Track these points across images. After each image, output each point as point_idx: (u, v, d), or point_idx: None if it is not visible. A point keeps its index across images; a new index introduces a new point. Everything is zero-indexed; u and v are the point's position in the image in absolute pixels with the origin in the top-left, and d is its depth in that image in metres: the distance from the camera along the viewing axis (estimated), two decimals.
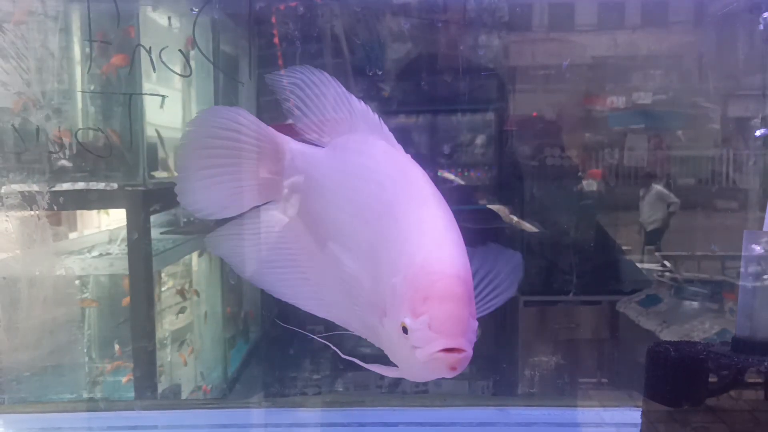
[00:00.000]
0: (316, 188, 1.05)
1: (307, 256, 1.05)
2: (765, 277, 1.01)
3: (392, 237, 0.92)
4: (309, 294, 1.05)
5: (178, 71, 2.24)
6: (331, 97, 1.02)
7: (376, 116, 1.00)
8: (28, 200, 1.82)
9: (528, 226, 2.70)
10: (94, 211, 2.42)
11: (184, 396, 2.27)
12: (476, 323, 0.86)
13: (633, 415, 1.08)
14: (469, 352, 0.83)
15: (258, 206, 1.07)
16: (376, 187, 0.97)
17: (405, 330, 0.85)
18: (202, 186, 1.04)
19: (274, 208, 1.07)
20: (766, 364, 0.97)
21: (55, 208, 1.91)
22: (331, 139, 1.04)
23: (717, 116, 2.78)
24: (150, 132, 2.26)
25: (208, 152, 1.03)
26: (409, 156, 0.98)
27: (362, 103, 1.00)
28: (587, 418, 1.27)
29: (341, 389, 2.42)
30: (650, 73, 2.73)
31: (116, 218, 2.40)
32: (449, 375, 0.84)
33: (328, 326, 1.04)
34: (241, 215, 1.06)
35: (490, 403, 1.12)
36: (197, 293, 2.58)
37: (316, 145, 1.05)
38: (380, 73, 2.63)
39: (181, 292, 2.46)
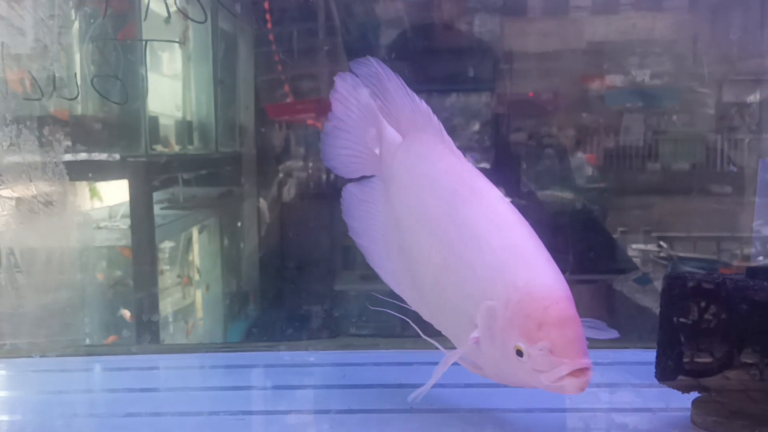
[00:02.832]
0: (392, 180, 1.10)
1: (395, 236, 1.10)
2: None
3: (478, 260, 0.95)
4: (390, 271, 1.12)
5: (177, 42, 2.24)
6: (401, 93, 1.06)
7: (436, 118, 1.04)
8: (28, 172, 1.80)
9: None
10: (87, 190, 2.40)
11: None
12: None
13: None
14: (591, 367, 0.87)
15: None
16: (446, 205, 1.00)
17: (520, 353, 0.89)
18: (333, 144, 1.14)
19: (375, 181, 1.14)
20: None
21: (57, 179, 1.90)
22: (403, 133, 1.08)
23: (712, 100, 2.81)
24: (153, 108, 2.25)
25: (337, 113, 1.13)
26: (470, 164, 1.03)
27: (424, 103, 1.05)
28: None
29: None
30: (648, 52, 2.75)
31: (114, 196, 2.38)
32: (577, 392, 0.88)
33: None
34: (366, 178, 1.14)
35: None
36: (198, 271, 2.58)
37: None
38: (375, 52, 2.64)
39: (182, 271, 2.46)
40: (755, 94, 2.76)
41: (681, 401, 1.05)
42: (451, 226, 0.99)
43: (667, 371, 1.02)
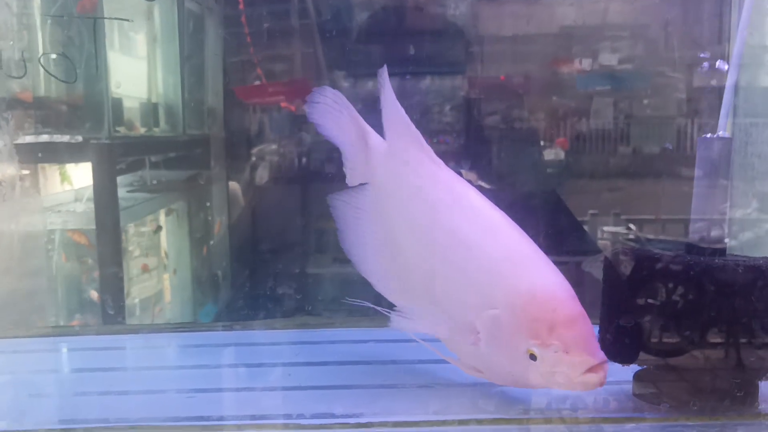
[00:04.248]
0: (381, 191, 1.10)
1: (385, 244, 1.10)
2: (716, 182, 1.05)
3: (472, 267, 0.95)
4: (382, 279, 1.11)
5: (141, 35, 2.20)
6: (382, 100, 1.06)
7: (407, 118, 1.04)
8: None
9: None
10: (57, 173, 2.38)
11: None
12: None
13: None
14: (606, 362, 0.90)
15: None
16: (431, 211, 1.01)
17: (533, 357, 0.91)
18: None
19: (367, 188, 1.13)
20: (716, 260, 1.01)
21: (18, 161, 1.88)
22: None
23: (682, 84, 2.84)
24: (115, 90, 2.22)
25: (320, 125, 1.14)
26: (451, 171, 1.04)
27: (402, 110, 1.05)
28: None
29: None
30: (617, 36, 2.77)
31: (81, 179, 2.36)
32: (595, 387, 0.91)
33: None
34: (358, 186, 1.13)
35: None
36: (166, 255, 2.57)
37: None
38: (346, 33, 2.63)
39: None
40: (721, 78, 2.78)
41: (621, 374, 1.07)
42: (439, 233, 1.00)
43: (606, 345, 1.04)
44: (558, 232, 2.67)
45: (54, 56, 1.78)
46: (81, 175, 2.32)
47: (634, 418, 1.03)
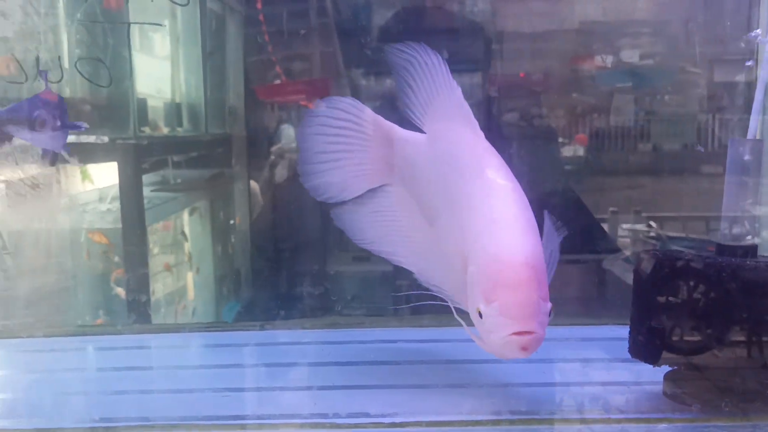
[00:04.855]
0: (418, 174, 1.13)
1: (419, 232, 1.14)
2: (748, 183, 1.05)
3: (470, 227, 1.00)
4: (417, 263, 1.14)
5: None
6: (439, 82, 1.07)
7: (467, 105, 1.06)
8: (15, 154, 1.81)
9: None
10: (78, 173, 2.41)
11: None
12: (549, 305, 0.93)
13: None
14: (540, 333, 0.91)
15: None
16: (459, 177, 1.05)
17: (480, 315, 0.93)
18: (323, 171, 1.14)
19: (388, 189, 1.16)
20: (748, 261, 1.01)
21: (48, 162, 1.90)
22: (431, 122, 1.10)
23: (703, 80, 2.81)
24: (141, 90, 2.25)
25: (327, 139, 1.13)
26: (488, 145, 1.06)
27: (459, 91, 1.06)
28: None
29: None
30: (639, 32, 2.75)
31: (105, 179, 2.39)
32: (522, 356, 0.91)
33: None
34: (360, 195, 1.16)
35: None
36: (189, 253, 2.59)
37: (417, 125, 1.12)
38: (365, 32, 2.64)
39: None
40: (746, 74, 2.76)
41: (652, 375, 1.07)
42: (459, 195, 1.04)
43: (638, 346, 1.05)
44: (579, 230, 2.66)
45: (82, 59, 1.80)
46: (103, 174, 2.35)
47: (666, 418, 1.03)
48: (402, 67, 1.09)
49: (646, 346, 1.04)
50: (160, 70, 2.43)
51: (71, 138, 2.09)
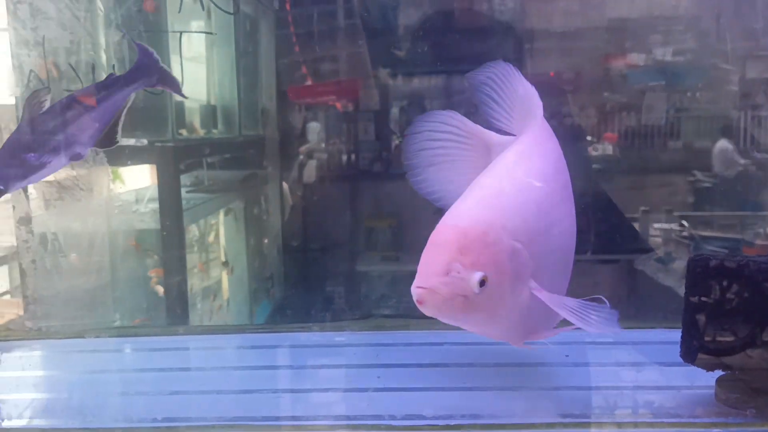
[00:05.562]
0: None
1: None
2: None
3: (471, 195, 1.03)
4: None
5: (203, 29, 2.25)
6: (521, 92, 1.12)
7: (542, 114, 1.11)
8: None
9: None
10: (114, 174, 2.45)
11: None
12: (471, 272, 0.91)
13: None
14: (442, 292, 0.91)
15: None
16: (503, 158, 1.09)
17: None
18: (430, 179, 1.19)
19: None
20: None
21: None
22: (517, 123, 1.14)
23: (735, 77, 2.78)
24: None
25: (431, 152, 1.18)
26: (560, 155, 1.12)
27: (538, 98, 1.11)
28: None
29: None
30: (670, 29, 2.72)
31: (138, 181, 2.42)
32: (423, 311, 0.93)
33: None
34: None
35: None
36: (225, 253, 2.63)
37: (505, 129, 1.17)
38: (394, 32, 2.65)
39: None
40: None
41: (705, 379, 1.07)
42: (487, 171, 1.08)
43: (692, 350, 1.04)
44: (611, 229, 2.65)
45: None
46: (138, 176, 2.39)
47: (720, 423, 1.03)
48: (482, 83, 1.16)
49: (699, 351, 1.04)
50: (196, 72, 2.46)
51: None
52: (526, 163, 1.07)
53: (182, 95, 1.50)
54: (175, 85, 1.44)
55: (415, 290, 0.91)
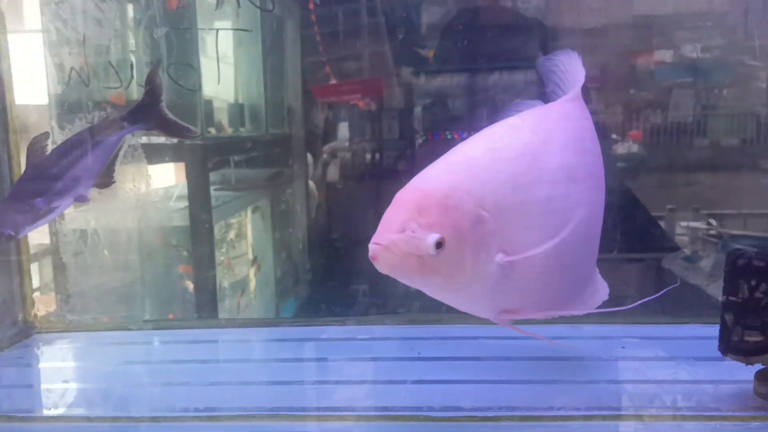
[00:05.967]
0: None
1: None
2: None
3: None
4: None
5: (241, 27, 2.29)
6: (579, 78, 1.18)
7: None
8: None
9: None
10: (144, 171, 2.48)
11: None
12: (427, 233, 0.88)
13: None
14: (395, 250, 0.89)
15: None
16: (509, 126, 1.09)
17: None
18: None
19: None
20: None
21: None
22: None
23: (764, 73, 2.75)
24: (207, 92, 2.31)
25: None
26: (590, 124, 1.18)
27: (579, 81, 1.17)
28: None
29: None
30: (697, 26, 2.70)
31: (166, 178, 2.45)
32: (378, 267, 0.92)
33: None
34: None
35: (561, 322, 1.17)
36: (253, 251, 2.65)
37: None
38: (417, 30, 2.65)
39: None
40: None
41: (743, 374, 1.07)
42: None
43: (731, 345, 1.04)
44: (637, 228, 2.63)
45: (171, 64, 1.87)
46: (166, 174, 2.42)
47: (758, 416, 1.03)
48: (550, 71, 1.22)
49: (739, 344, 1.04)
50: (223, 71, 2.49)
51: (143, 139, 2.18)
52: (511, 136, 1.03)
53: (179, 137, 1.51)
54: (172, 131, 1.46)
55: (371, 246, 0.90)
